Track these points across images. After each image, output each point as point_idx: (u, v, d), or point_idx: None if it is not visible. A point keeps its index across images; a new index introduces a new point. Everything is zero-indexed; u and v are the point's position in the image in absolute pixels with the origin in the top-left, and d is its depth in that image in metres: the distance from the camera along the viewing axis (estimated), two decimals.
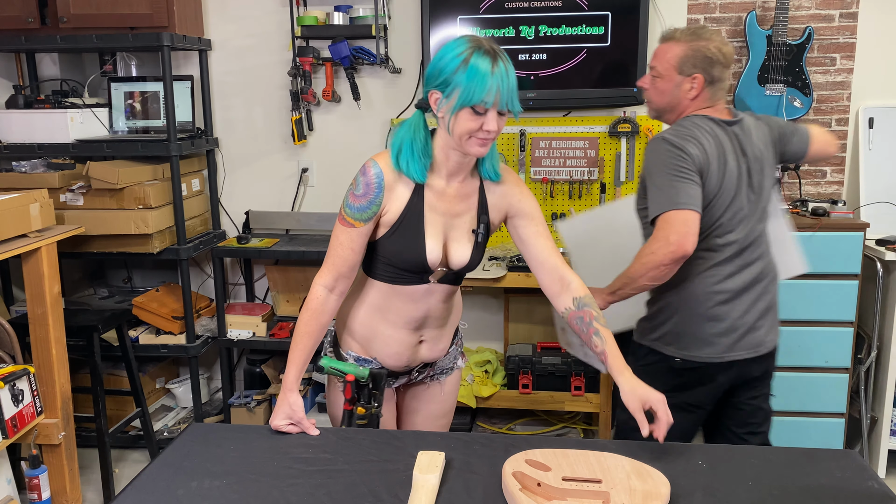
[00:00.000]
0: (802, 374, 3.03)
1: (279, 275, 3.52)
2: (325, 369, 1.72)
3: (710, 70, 2.03)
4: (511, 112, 1.59)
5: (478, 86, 1.52)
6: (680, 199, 1.90)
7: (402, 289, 1.74)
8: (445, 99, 1.57)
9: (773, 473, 1.43)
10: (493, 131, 1.57)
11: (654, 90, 2.11)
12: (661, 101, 2.10)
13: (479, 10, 3.18)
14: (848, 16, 3.20)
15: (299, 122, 3.46)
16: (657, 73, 2.08)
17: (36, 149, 3.15)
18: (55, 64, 3.57)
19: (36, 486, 2.61)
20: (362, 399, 1.71)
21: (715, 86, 2.05)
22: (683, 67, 2.03)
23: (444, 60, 1.57)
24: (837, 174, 3.33)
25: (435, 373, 1.94)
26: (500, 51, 1.56)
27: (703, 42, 2.02)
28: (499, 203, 1.75)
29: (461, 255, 1.72)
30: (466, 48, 1.55)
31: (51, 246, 2.66)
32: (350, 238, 1.68)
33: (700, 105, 2.07)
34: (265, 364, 3.53)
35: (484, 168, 1.73)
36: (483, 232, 1.74)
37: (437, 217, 1.70)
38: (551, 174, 3.38)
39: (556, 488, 1.31)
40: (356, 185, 1.66)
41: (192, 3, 3.27)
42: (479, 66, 1.52)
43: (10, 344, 2.55)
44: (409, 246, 1.68)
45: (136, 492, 1.38)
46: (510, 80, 1.55)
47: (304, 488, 1.38)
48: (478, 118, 1.56)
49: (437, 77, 1.58)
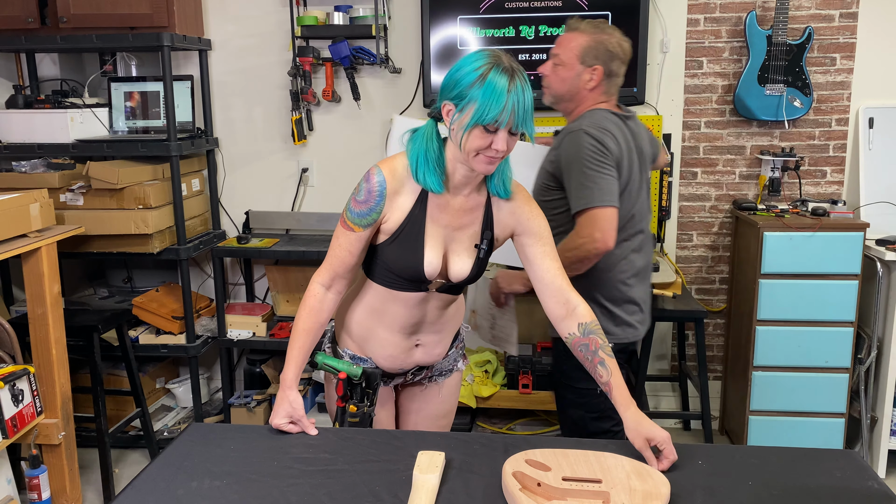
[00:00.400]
0: (802, 374, 3.03)
1: (279, 275, 3.52)
2: (319, 365, 1.72)
3: (610, 63, 2.13)
4: (524, 133, 1.56)
5: (493, 104, 1.49)
6: (604, 196, 1.99)
7: (398, 294, 1.73)
8: (459, 113, 1.54)
9: (773, 473, 1.43)
10: (502, 151, 1.54)
11: (555, 77, 2.18)
12: (560, 89, 2.18)
13: (479, 10, 3.18)
14: (848, 16, 3.20)
15: (299, 122, 3.46)
16: (559, 61, 2.17)
17: (36, 149, 3.15)
18: (55, 64, 3.57)
19: (36, 486, 2.61)
20: (355, 397, 1.70)
21: (611, 80, 2.16)
22: (586, 58, 2.13)
23: (462, 73, 1.53)
24: (837, 174, 3.33)
25: (433, 374, 1.93)
26: (518, 69, 1.53)
27: (605, 36, 2.13)
28: (506, 220, 1.72)
29: (461, 268, 1.70)
30: (485, 63, 1.51)
31: (51, 246, 2.66)
32: (349, 241, 1.67)
33: (597, 97, 2.16)
34: (265, 364, 3.53)
35: (493, 184, 1.68)
36: (486, 248, 1.71)
37: (439, 229, 1.68)
38: None
39: (556, 488, 1.31)
40: (359, 191, 1.65)
41: (192, 3, 3.26)
42: (497, 83, 1.49)
43: (10, 344, 2.55)
44: (408, 255, 1.66)
45: (136, 492, 1.38)
46: (526, 100, 1.52)
47: (304, 488, 1.38)
48: (488, 136, 1.53)
49: (452, 89, 1.55)
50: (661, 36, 3.29)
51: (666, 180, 3.37)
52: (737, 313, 3.30)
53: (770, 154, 3.28)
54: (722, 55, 3.29)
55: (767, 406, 3.08)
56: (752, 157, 3.36)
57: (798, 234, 2.94)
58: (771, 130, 3.32)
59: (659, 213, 3.40)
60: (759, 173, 3.36)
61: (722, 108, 3.33)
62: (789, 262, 2.97)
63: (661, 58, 3.31)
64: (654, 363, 3.59)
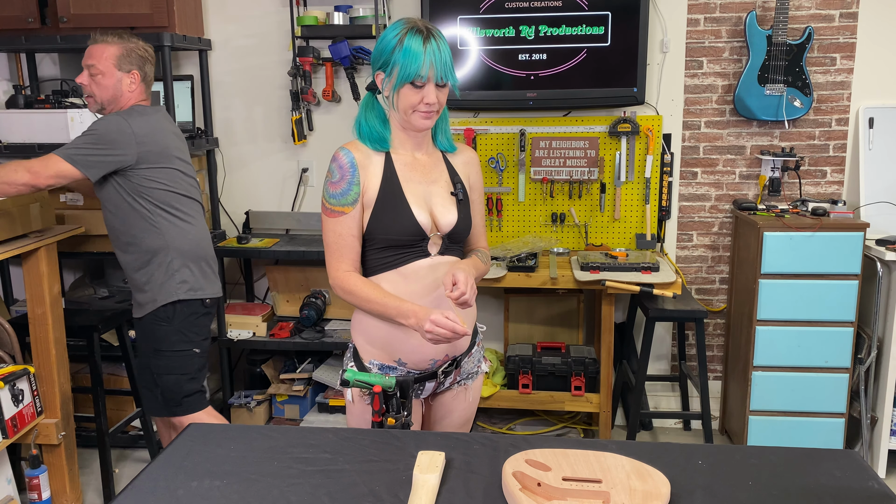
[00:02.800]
0: (802, 374, 3.03)
1: (279, 275, 3.52)
2: (351, 382, 1.68)
3: (144, 67, 2.46)
4: (450, 83, 1.73)
5: (413, 62, 1.66)
6: (72, 156, 2.28)
7: (406, 269, 1.76)
8: (388, 78, 1.72)
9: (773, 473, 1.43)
10: (434, 103, 1.71)
11: (97, 86, 2.42)
12: (104, 96, 2.43)
13: (479, 10, 3.18)
14: (848, 16, 3.20)
15: (299, 122, 3.47)
16: (97, 71, 2.40)
17: (36, 149, 3.14)
18: (55, 64, 3.57)
19: (36, 486, 2.61)
20: (391, 409, 1.68)
21: (146, 82, 2.48)
22: (122, 65, 2.41)
23: (383, 43, 1.72)
24: (837, 174, 3.33)
25: (461, 378, 1.93)
26: (433, 28, 1.71)
27: (132, 44, 2.44)
28: (462, 169, 1.89)
29: (449, 217, 1.80)
30: (401, 30, 1.69)
31: (51, 246, 2.66)
32: (345, 226, 1.75)
33: (138, 97, 2.46)
34: (265, 364, 3.53)
35: (438, 141, 1.88)
36: (462, 190, 1.84)
37: (415, 185, 1.79)
38: (551, 174, 3.38)
39: (556, 488, 1.31)
40: (331, 175, 1.77)
41: (192, 3, 3.27)
42: (413, 44, 1.67)
43: (10, 344, 2.55)
44: (397, 214, 1.74)
45: (136, 492, 1.38)
46: (443, 54, 1.69)
47: (304, 488, 1.38)
48: (418, 92, 1.70)
49: (378, 59, 1.73)
50: (661, 36, 3.29)
51: (666, 180, 3.37)
52: (737, 313, 3.30)
53: (770, 154, 3.28)
54: (722, 55, 3.29)
55: (767, 406, 3.08)
56: (752, 157, 3.36)
57: (798, 234, 2.94)
58: (771, 130, 3.33)
59: (659, 213, 3.40)
60: (759, 173, 3.36)
61: (722, 108, 3.33)
62: (789, 262, 2.97)
63: (661, 58, 3.31)
64: (655, 363, 3.59)
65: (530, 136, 3.37)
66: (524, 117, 3.38)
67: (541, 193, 3.42)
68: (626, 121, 3.29)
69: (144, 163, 2.37)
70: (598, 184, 3.39)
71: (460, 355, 1.89)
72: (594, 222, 3.43)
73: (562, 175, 3.38)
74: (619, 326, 3.50)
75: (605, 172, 3.37)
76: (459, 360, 1.89)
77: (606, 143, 3.35)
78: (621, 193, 3.38)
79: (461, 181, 1.86)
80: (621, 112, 3.32)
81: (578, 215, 3.42)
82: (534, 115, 3.37)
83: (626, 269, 3.05)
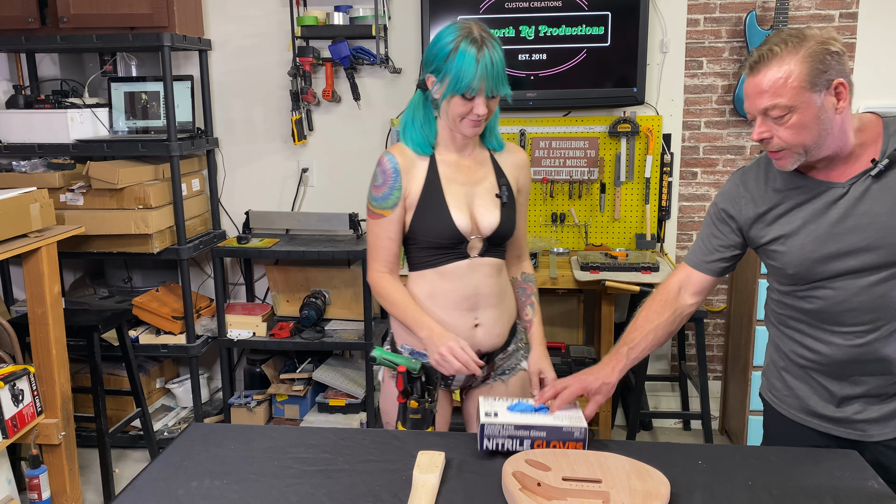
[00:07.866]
0: None
1: (279, 275, 3.52)
2: (378, 360, 1.70)
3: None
4: (502, 95, 1.70)
5: (465, 75, 1.63)
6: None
7: (445, 269, 1.78)
8: (439, 84, 1.70)
9: (773, 473, 1.43)
10: (483, 115, 1.69)
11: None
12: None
13: (479, 10, 3.18)
14: (848, 16, 3.20)
15: (299, 122, 3.47)
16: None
17: (36, 149, 3.15)
18: (55, 64, 3.57)
19: (36, 486, 2.61)
20: (415, 392, 1.67)
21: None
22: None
23: (437, 48, 1.68)
24: None
25: (496, 373, 1.90)
26: (487, 38, 1.66)
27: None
28: (511, 171, 1.86)
29: (490, 219, 1.78)
30: (456, 37, 1.65)
31: (51, 246, 2.66)
32: (383, 228, 1.77)
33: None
34: (265, 364, 3.53)
35: (486, 140, 1.85)
36: (507, 192, 1.81)
37: (458, 188, 1.78)
38: (551, 174, 3.38)
39: (556, 488, 1.31)
40: (375, 178, 1.77)
41: (192, 3, 3.26)
42: (466, 55, 1.63)
43: (10, 344, 2.55)
44: (436, 217, 1.74)
45: (136, 492, 1.38)
46: (496, 67, 1.65)
47: (304, 488, 1.38)
48: (467, 103, 1.67)
49: (431, 63, 1.71)
50: (661, 36, 3.29)
51: (666, 180, 3.37)
52: (737, 313, 3.30)
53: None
54: (722, 55, 3.29)
55: None
56: (752, 157, 3.36)
57: None
58: None
59: (659, 213, 3.40)
60: None
61: (722, 108, 3.33)
62: None
63: (660, 58, 3.31)
64: (654, 363, 3.59)
65: (530, 136, 3.37)
66: (524, 117, 3.38)
67: (541, 193, 3.42)
68: (626, 121, 3.29)
69: None
70: (598, 184, 3.39)
71: (493, 351, 1.86)
72: (594, 222, 3.43)
73: (562, 175, 3.38)
74: (619, 326, 3.50)
75: (605, 172, 3.37)
76: (493, 355, 1.87)
77: (606, 143, 3.35)
78: (621, 193, 3.38)
79: (507, 182, 1.83)
80: (621, 112, 3.32)
81: (578, 215, 3.42)
82: (534, 115, 3.37)
83: (625, 269, 3.05)
